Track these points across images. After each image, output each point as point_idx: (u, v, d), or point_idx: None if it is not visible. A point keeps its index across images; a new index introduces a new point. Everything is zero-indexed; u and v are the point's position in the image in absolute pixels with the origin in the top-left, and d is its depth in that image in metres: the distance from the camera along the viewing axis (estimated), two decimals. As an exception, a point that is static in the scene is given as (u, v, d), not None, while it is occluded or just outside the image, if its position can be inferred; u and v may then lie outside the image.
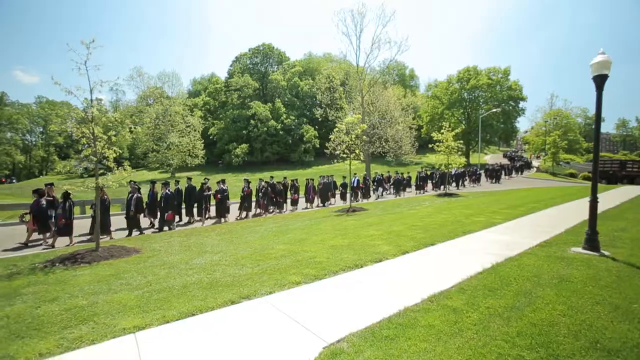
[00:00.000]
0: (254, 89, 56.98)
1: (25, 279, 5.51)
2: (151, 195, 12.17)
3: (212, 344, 3.35)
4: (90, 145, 6.91)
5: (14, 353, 3.25)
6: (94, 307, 4.28)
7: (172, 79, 61.44)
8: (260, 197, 14.72)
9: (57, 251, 7.84)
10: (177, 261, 6.35)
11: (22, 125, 58.82)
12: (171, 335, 3.56)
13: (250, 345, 3.30)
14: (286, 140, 53.19)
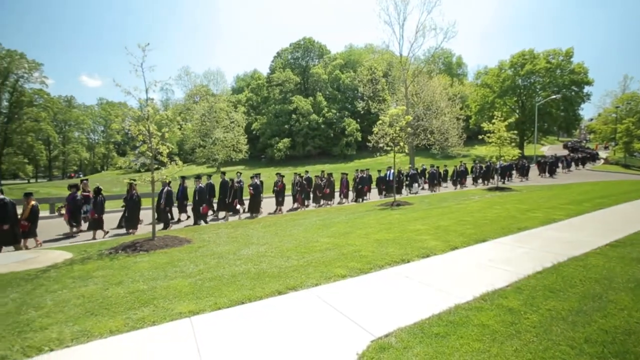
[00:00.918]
0: (295, 84, 57.61)
1: (95, 263, 6.07)
2: (181, 190, 12.63)
3: (261, 331, 3.45)
4: (146, 142, 7.40)
5: (89, 328, 3.59)
6: (153, 291, 4.59)
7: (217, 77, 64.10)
8: (296, 191, 14.68)
9: (119, 239, 8.53)
10: (225, 251, 6.63)
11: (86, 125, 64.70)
12: (223, 321, 3.72)
13: (298, 334, 3.36)
14: (328, 134, 53.27)
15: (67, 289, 4.80)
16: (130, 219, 10.47)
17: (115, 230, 11.04)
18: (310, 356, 2.99)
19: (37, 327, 3.68)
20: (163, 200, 11.09)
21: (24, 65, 47.15)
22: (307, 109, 52.51)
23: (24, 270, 5.87)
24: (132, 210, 10.47)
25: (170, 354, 3.12)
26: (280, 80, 56.82)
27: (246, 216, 13.23)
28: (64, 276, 5.39)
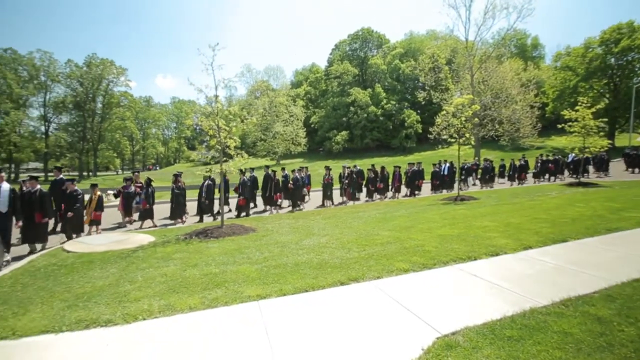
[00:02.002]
0: (353, 76, 57.12)
1: (173, 247, 6.75)
2: (224, 183, 12.95)
3: (325, 319, 3.55)
4: (215, 136, 7.95)
5: (172, 303, 4.03)
6: (224, 275, 4.98)
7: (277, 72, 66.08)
8: (345, 184, 14.39)
9: (192, 227, 9.35)
10: (288, 241, 6.90)
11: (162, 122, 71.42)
12: (288, 307, 3.90)
13: (361, 324, 3.40)
14: (386, 126, 52.10)
15: (152, 267, 5.42)
16: (176, 209, 10.97)
17: (164, 221, 11.53)
18: (374, 346, 3.02)
19: (132, 298, 4.22)
20: (204, 193, 11.34)
21: (113, 71, 53.64)
22: (365, 101, 51.85)
23: (119, 250, 6.76)
24: (177, 201, 10.97)
25: (241, 333, 3.36)
26: (338, 73, 56.77)
27: (287, 210, 13.15)
28: (149, 256, 6.09)
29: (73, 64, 51.91)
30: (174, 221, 10.99)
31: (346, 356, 2.89)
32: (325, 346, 3.05)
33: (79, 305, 4.12)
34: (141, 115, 63.62)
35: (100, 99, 53.67)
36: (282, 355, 2.94)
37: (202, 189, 11.39)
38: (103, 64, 52.72)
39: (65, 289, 4.69)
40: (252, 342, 3.17)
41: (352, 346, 3.04)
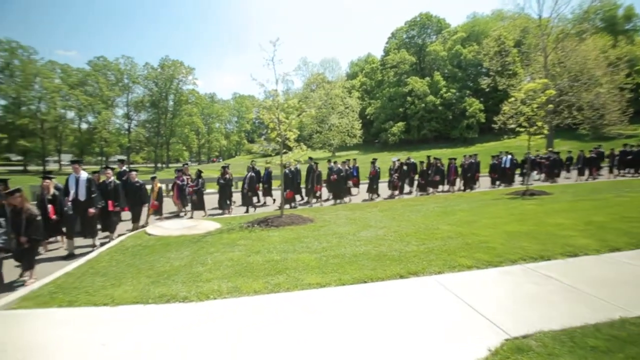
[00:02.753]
0: (410, 64, 54.96)
1: (237, 234, 7.20)
2: (266, 175, 13.03)
3: (384, 311, 3.56)
4: (275, 129, 8.24)
5: (239, 286, 4.34)
6: (285, 262, 5.20)
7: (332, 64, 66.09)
8: (395, 177, 13.85)
9: (254, 215, 9.85)
10: (345, 232, 6.97)
11: (224, 117, 75.79)
12: (347, 296, 3.97)
13: (422, 319, 3.35)
14: (446, 116, 49.48)
15: (220, 252, 5.86)
16: (222, 200, 11.37)
17: (212, 211, 11.67)
18: (435, 341, 2.96)
19: (204, 279, 4.62)
20: (247, 185, 11.55)
21: (182, 71, 58.30)
22: (423, 90, 49.69)
23: (191, 235, 7.41)
24: (224, 192, 11.35)
25: (302, 319, 3.51)
26: (394, 62, 55.04)
27: (330, 203, 12.96)
28: (217, 242, 6.58)
29: (150, 67, 57.38)
30: (221, 211, 11.43)
31: (406, 350, 2.88)
32: (385, 338, 3.06)
33: (160, 282, 4.62)
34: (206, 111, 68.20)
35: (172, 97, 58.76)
36: (342, 345, 3.00)
37: (245, 181, 11.70)
38: (174, 65, 57.46)
39: (149, 267, 5.29)
40: (312, 328, 3.29)
41: (413, 340, 3.01)
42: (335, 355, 2.85)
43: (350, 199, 13.42)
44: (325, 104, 49.31)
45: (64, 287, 4.70)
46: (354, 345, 2.97)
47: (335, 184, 12.89)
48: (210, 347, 3.06)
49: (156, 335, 3.30)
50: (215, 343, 3.11)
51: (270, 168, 12.71)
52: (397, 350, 2.87)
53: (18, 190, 5.20)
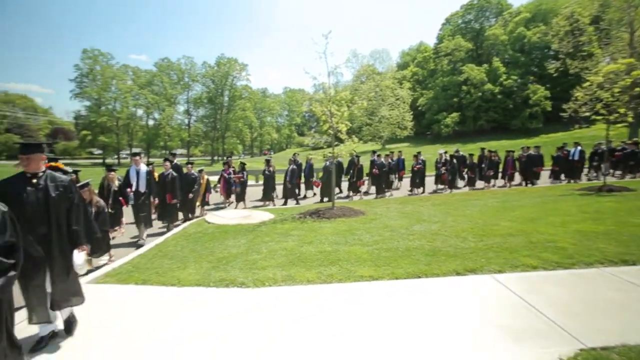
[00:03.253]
0: (466, 51, 51.69)
1: (290, 224, 7.41)
2: (307, 167, 12.98)
3: (440, 309, 3.44)
4: (327, 121, 8.28)
5: (293, 275, 4.48)
6: (337, 254, 5.25)
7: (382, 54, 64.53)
8: (442, 171, 13.05)
9: (305, 207, 10.05)
10: (397, 226, 6.84)
11: (275, 111, 77.91)
12: (400, 291, 3.91)
13: (481, 318, 3.18)
14: (505, 105, 45.89)
15: (274, 242, 6.08)
16: (265, 192, 11.60)
17: (255, 202, 12.11)
18: (497, 343, 2.80)
19: (260, 267, 4.84)
20: (288, 177, 11.62)
21: (236, 68, 60.99)
22: (480, 79, 46.53)
23: (246, 224, 7.79)
24: (268, 184, 11.58)
25: (356, 309, 3.53)
26: (448, 50, 52.13)
27: (370, 197, 12.68)
28: (271, 232, 6.84)
29: (207, 65, 60.80)
30: (263, 202, 11.70)
31: (466, 352, 2.76)
32: (440, 337, 2.97)
33: (220, 268, 4.93)
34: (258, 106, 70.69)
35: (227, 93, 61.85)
36: (396, 339, 2.96)
37: (287, 173, 11.77)
38: (229, 62, 60.28)
39: (209, 253, 5.67)
40: (365, 321, 3.29)
41: (472, 340, 2.88)
42: (387, 349, 2.83)
43: (392, 194, 13.04)
44: (375, 96, 48.37)
45: (139, 267, 5.23)
46: (407, 342, 2.92)
47: (377, 177, 12.60)
48: (265, 330, 3.20)
49: (216, 316, 3.53)
50: (269, 327, 3.26)
51: (312, 161, 12.79)
52: (456, 352, 2.77)
53: (87, 184, 5.40)
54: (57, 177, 3.05)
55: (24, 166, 2.88)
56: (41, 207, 2.88)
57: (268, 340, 3.03)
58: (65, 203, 3.02)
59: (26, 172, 2.91)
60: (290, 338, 3.06)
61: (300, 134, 79.03)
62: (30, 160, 2.87)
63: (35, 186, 2.89)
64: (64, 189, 3.03)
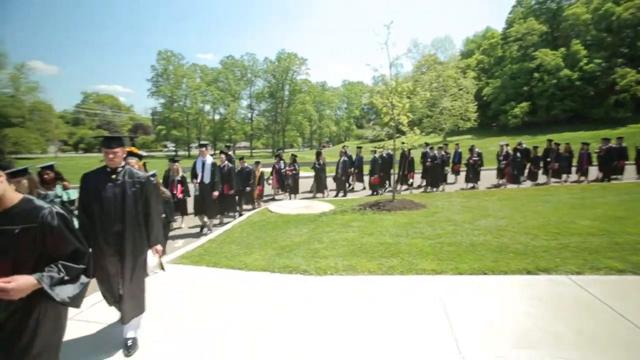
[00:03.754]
0: (539, 35, 46.72)
1: (350, 215, 7.54)
2: (357, 160, 12.64)
3: (508, 309, 3.33)
4: (388, 113, 8.21)
5: (354, 265, 4.62)
6: (398, 246, 5.27)
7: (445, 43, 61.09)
8: (503, 164, 11.95)
9: (364, 199, 10.10)
10: (461, 220, 6.61)
11: (334, 104, 78.31)
12: (465, 287, 3.84)
13: (558, 323, 3.01)
14: (585, 93, 40.71)
15: (335, 232, 6.26)
16: (317, 184, 11.62)
17: (305, 195, 12.17)
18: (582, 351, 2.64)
19: (322, 256, 5.05)
20: (340, 169, 11.58)
21: (296, 62, 62.50)
22: (555, 64, 41.85)
23: (307, 214, 8.11)
24: (319, 176, 11.56)
25: (417, 302, 3.57)
26: (519, 34, 47.58)
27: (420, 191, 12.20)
28: (331, 222, 7.04)
29: (268, 61, 63.17)
30: (313, 194, 11.81)
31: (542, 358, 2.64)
32: (510, 338, 2.88)
33: (283, 255, 5.24)
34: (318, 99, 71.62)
35: (287, 87, 63.79)
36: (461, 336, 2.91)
37: (339, 166, 11.75)
38: (289, 57, 61.95)
39: (273, 241, 6.04)
40: (429, 315, 3.31)
41: (548, 344, 2.75)
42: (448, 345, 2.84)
43: (444, 188, 12.39)
44: (437, 87, 46.16)
45: (210, 251, 5.75)
46: (473, 341, 2.88)
47: (429, 170, 12.10)
48: (328, 316, 3.38)
49: (281, 300, 3.79)
50: (332, 313, 3.43)
51: (361, 153, 12.74)
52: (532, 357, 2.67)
53: (153, 175, 5.52)
54: (134, 173, 2.94)
55: (109, 161, 2.82)
56: (118, 204, 2.79)
57: (331, 326, 3.20)
58: (141, 200, 2.91)
59: (108, 166, 2.85)
60: (351, 325, 3.19)
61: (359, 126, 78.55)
62: (115, 154, 2.82)
63: (114, 181, 2.82)
64: (140, 185, 2.90)
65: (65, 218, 1.72)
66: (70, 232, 1.73)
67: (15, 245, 1.60)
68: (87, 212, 2.81)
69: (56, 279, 1.61)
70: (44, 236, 1.65)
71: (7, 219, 1.61)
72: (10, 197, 1.65)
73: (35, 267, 1.62)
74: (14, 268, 1.57)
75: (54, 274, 1.61)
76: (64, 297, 1.61)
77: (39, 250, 1.65)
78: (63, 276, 1.63)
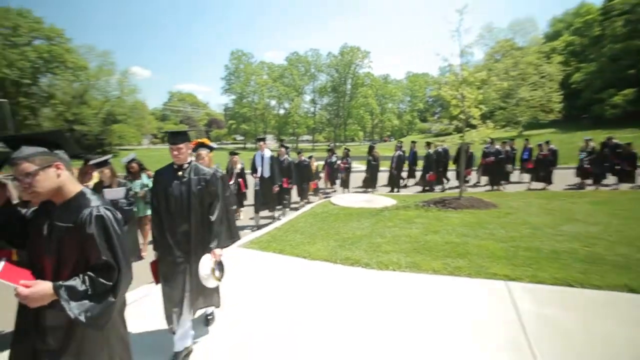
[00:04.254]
0: (654, 6, 39.50)
1: (413, 212, 7.26)
2: (411, 155, 11.98)
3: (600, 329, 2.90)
4: (458, 105, 7.65)
5: (417, 262, 4.44)
6: (465, 246, 4.93)
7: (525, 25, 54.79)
8: (586, 162, 10.31)
9: (429, 195, 9.65)
10: (540, 223, 5.95)
11: (397, 97, 75.87)
12: (545, 297, 3.45)
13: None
14: None
15: (397, 227, 6.08)
16: (370, 179, 11.20)
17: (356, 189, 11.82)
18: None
19: (383, 251, 4.95)
20: (394, 164, 11.22)
21: (358, 56, 61.83)
22: (674, 41, 35.11)
23: (369, 208, 8.00)
24: (371, 171, 11.14)
25: (489, 308, 3.30)
26: (627, 6, 40.75)
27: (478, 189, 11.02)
28: (394, 217, 6.85)
29: (332, 55, 63.51)
30: (364, 189, 11.50)
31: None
32: None
33: (345, 247, 5.23)
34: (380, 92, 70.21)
35: (350, 81, 63.56)
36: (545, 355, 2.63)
37: (393, 161, 11.43)
38: (352, 50, 61.58)
39: (335, 232, 6.07)
40: (501, 322, 3.05)
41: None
42: None
43: (505, 187, 11.18)
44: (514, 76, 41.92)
45: (276, 238, 5.98)
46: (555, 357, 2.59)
47: (491, 167, 11.08)
48: (389, 312, 3.30)
49: (342, 291, 3.80)
50: (393, 310, 3.34)
51: (415, 148, 12.27)
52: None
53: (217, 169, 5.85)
54: (200, 169, 2.78)
55: (173, 157, 2.68)
56: (184, 202, 2.66)
57: (392, 322, 3.12)
58: (207, 199, 2.75)
59: (174, 163, 2.72)
60: (413, 324, 3.08)
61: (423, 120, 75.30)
62: (180, 151, 2.65)
63: (180, 179, 2.69)
64: (205, 183, 2.73)
65: (104, 223, 1.51)
66: (105, 241, 1.50)
67: (60, 242, 1.48)
68: (157, 210, 2.73)
69: (78, 293, 1.40)
70: (81, 240, 1.48)
71: (63, 212, 1.52)
72: (70, 189, 1.55)
73: (73, 272, 1.48)
74: (58, 267, 1.47)
75: (77, 285, 1.41)
76: (82, 315, 1.38)
77: (77, 254, 1.49)
78: (87, 290, 1.42)
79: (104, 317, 1.45)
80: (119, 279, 1.49)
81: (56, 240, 1.47)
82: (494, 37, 54.94)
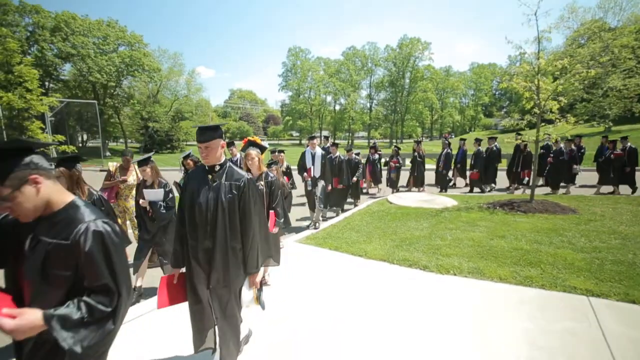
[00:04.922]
0: None
1: (476, 214, 6.82)
2: (460, 153, 11.24)
3: None
4: (532, 98, 6.97)
5: (481, 268, 4.17)
6: (537, 254, 4.50)
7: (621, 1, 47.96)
8: None
9: (495, 196, 8.98)
10: (632, 233, 5.20)
11: (459, 90, 71.28)
12: (638, 319, 3.01)
13: None
14: None
15: (459, 230, 5.76)
16: (417, 177, 10.61)
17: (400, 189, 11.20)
18: None
19: (444, 253, 4.72)
20: (442, 163, 10.82)
21: (418, 48, 59.13)
22: None
23: (428, 208, 7.69)
24: (418, 169, 10.53)
25: (566, 325, 2.97)
26: None
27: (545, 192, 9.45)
28: (455, 219, 6.50)
29: (390, 48, 61.75)
30: (408, 189, 11.03)
31: None
32: None
33: (403, 247, 5.10)
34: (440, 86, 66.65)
35: (408, 74, 61.26)
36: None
37: (440, 159, 10.98)
38: (411, 42, 59.18)
39: (392, 232, 5.94)
40: (584, 344, 2.73)
41: None
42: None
43: (569, 190, 9.83)
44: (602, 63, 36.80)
45: (332, 235, 6.03)
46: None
47: (551, 168, 9.95)
48: (446, 319, 3.14)
49: (400, 293, 3.71)
50: (453, 317, 3.17)
51: (465, 146, 11.49)
52: None
53: (275, 162, 5.40)
54: (234, 174, 2.29)
55: (202, 157, 2.27)
56: (210, 214, 2.19)
57: (452, 330, 2.97)
58: (239, 211, 2.26)
59: (205, 164, 2.29)
60: (475, 334, 2.89)
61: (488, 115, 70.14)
62: (208, 150, 2.21)
63: (209, 184, 2.25)
64: (237, 190, 2.25)
65: (104, 240, 1.30)
66: (105, 261, 1.29)
67: (44, 262, 1.26)
68: (181, 219, 2.31)
69: (72, 322, 1.21)
70: (76, 259, 1.27)
71: (50, 225, 1.31)
72: (57, 200, 1.33)
73: (60, 296, 1.28)
74: (39, 289, 1.27)
75: (71, 313, 1.21)
76: (76, 345, 1.20)
77: (71, 275, 1.28)
78: (82, 317, 1.23)
79: (102, 345, 1.30)
80: (119, 303, 1.31)
81: (40, 258, 1.27)
82: (579, 19, 48.89)
